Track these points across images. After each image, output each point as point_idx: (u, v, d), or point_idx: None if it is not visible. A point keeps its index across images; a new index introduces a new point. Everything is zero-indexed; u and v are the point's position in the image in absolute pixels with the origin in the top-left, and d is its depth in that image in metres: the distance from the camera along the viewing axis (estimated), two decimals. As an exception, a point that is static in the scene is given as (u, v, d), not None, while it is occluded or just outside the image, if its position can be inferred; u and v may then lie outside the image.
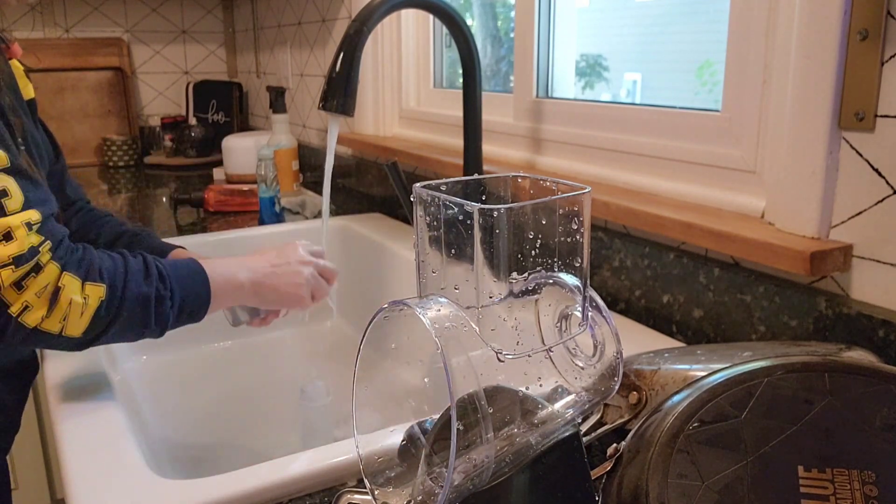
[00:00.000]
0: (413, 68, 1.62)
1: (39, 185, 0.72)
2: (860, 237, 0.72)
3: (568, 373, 0.47)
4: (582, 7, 1.24)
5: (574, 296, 0.47)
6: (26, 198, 0.68)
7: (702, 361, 0.63)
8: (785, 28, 0.77)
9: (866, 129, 0.70)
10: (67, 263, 0.69)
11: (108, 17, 2.47)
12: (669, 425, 0.43)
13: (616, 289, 0.99)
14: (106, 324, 0.71)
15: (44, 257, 0.68)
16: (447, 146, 1.44)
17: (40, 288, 0.67)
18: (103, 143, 2.40)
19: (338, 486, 0.64)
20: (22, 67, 0.89)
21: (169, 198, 1.86)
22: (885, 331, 0.68)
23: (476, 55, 1.10)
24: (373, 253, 1.40)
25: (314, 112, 2.03)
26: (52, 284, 0.68)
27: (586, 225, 0.46)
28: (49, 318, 0.68)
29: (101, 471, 0.63)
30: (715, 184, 0.90)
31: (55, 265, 0.68)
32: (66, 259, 0.70)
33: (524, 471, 0.44)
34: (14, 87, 0.85)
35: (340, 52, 0.96)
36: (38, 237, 0.68)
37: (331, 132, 0.98)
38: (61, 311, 0.68)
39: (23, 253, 0.66)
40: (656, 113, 0.99)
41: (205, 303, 0.79)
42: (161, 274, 0.75)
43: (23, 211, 0.67)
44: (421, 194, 0.45)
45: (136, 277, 0.73)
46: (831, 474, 0.39)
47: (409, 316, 0.43)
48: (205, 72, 2.64)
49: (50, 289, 0.68)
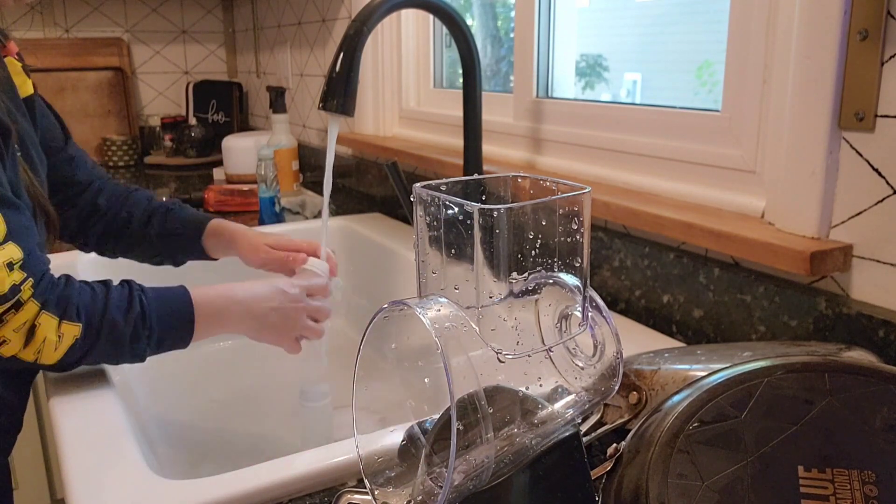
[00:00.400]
0: (413, 68, 1.62)
1: (22, 210, 0.72)
2: (860, 237, 0.72)
3: (568, 373, 0.47)
4: (582, 7, 1.24)
5: (574, 296, 0.47)
6: (8, 230, 0.69)
7: (702, 361, 0.63)
8: (785, 28, 0.77)
9: (866, 129, 0.70)
10: (47, 301, 0.70)
11: (108, 17, 2.47)
12: (669, 425, 0.43)
13: (616, 289, 0.99)
14: (79, 356, 0.73)
15: (25, 294, 0.69)
16: (447, 146, 1.43)
17: (19, 325, 0.69)
18: (103, 143, 2.40)
19: (338, 486, 0.64)
20: (19, 64, 0.88)
21: (169, 198, 1.86)
22: (885, 331, 0.68)
23: (476, 55, 1.10)
24: (373, 253, 1.40)
25: (314, 112, 2.03)
26: (30, 322, 0.69)
27: (586, 225, 0.46)
28: (24, 351, 0.70)
29: (101, 471, 0.63)
30: (715, 184, 0.90)
31: (35, 303, 0.70)
32: (46, 296, 0.71)
33: (524, 471, 0.44)
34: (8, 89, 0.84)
35: (340, 52, 0.96)
36: (20, 274, 0.69)
37: (331, 132, 0.98)
38: (36, 345, 0.70)
39: (4, 293, 0.67)
40: (656, 113, 0.99)
41: (186, 337, 0.80)
42: (143, 310, 0.76)
43: (4, 244, 0.68)
44: (421, 194, 0.45)
45: (115, 314, 0.74)
46: (831, 474, 0.39)
47: (409, 316, 0.43)
48: (205, 72, 2.64)
49: (27, 325, 0.69)
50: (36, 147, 0.86)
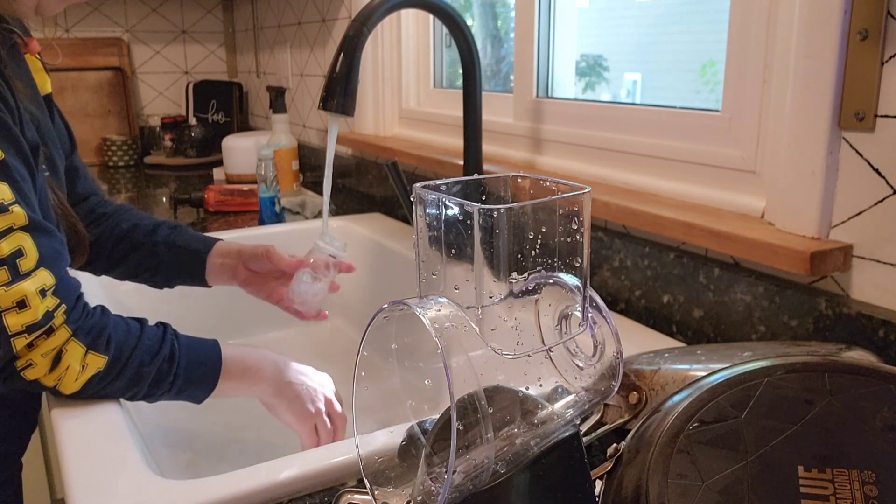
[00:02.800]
0: (413, 68, 1.62)
1: (54, 235, 0.72)
2: (860, 237, 0.72)
3: (568, 373, 0.47)
4: (582, 7, 1.24)
5: (574, 296, 0.47)
6: (41, 256, 0.69)
7: (702, 361, 0.63)
8: (785, 28, 0.77)
9: (866, 129, 0.70)
10: (79, 329, 0.71)
11: (108, 17, 2.47)
12: (669, 425, 0.43)
13: (616, 289, 0.99)
14: (97, 389, 0.73)
15: (57, 321, 0.69)
16: (447, 146, 1.43)
17: (48, 350, 0.69)
18: (103, 143, 2.40)
19: (338, 486, 0.64)
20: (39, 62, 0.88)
21: (169, 198, 1.86)
22: (885, 331, 0.68)
23: (476, 55, 1.10)
24: (373, 253, 1.40)
25: (314, 112, 2.03)
26: (58, 348, 0.69)
27: (586, 225, 0.46)
28: (48, 376, 0.70)
29: (101, 471, 0.63)
30: (715, 184, 0.90)
31: (66, 330, 0.70)
32: (79, 324, 0.71)
33: (524, 471, 0.44)
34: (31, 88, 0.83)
35: (340, 52, 0.96)
36: (53, 300, 0.69)
37: (331, 132, 0.98)
38: (59, 372, 0.70)
39: (37, 321, 0.68)
40: (656, 113, 0.99)
41: (207, 390, 0.79)
42: (173, 357, 0.75)
43: (36, 271, 0.68)
44: (421, 194, 0.45)
45: (143, 355, 0.74)
46: (831, 474, 0.39)
47: (409, 316, 0.43)
48: (205, 72, 2.64)
49: (55, 351, 0.69)
50: (56, 147, 0.86)
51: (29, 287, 0.67)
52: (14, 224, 0.67)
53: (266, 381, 0.81)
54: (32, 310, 0.67)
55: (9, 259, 0.66)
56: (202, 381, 0.78)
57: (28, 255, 0.68)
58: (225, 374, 0.79)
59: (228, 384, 0.79)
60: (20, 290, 0.66)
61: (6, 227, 0.66)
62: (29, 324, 0.67)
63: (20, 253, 0.67)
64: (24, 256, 0.67)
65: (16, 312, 0.66)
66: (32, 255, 0.68)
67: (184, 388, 0.77)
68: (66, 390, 0.71)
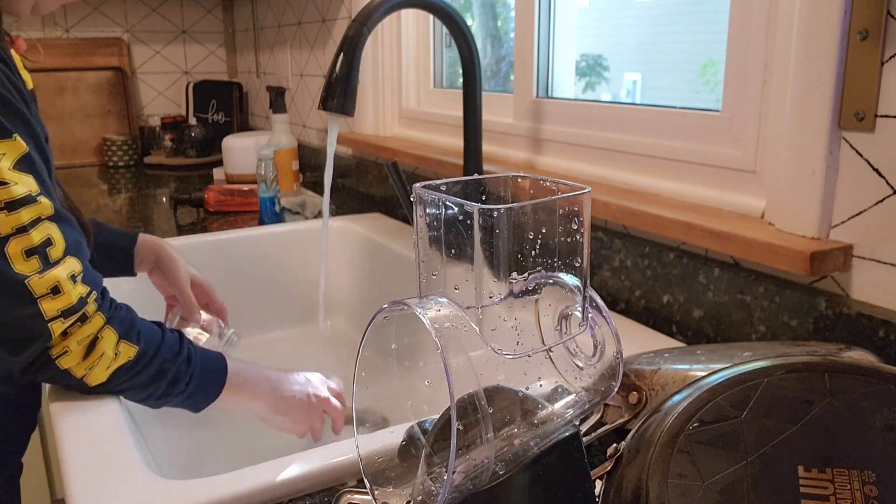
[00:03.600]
0: (413, 68, 1.62)
1: (73, 225, 0.73)
2: (860, 237, 0.72)
3: (568, 373, 0.47)
4: (582, 7, 1.24)
5: (574, 296, 0.47)
6: (67, 243, 0.70)
7: (702, 361, 0.63)
8: (785, 28, 0.77)
9: (866, 129, 0.70)
10: (113, 318, 0.72)
11: (108, 17, 2.47)
12: (669, 425, 0.43)
13: (616, 289, 0.99)
14: (123, 381, 0.73)
15: (90, 307, 0.70)
16: (447, 146, 1.43)
17: (83, 336, 0.70)
18: (103, 143, 2.40)
19: (338, 486, 0.64)
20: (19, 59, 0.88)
21: (169, 198, 1.86)
22: (885, 331, 0.68)
23: (476, 55, 1.10)
24: (373, 253, 1.40)
25: (314, 112, 2.03)
26: (93, 335, 0.70)
27: (586, 225, 0.46)
28: (80, 364, 0.70)
29: (101, 471, 0.63)
30: (715, 184, 0.90)
31: (101, 317, 0.71)
32: (112, 312, 0.72)
33: (524, 471, 0.44)
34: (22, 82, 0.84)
35: (340, 53, 0.96)
36: (84, 287, 0.71)
37: (331, 132, 0.98)
38: (92, 360, 0.71)
39: (72, 304, 0.69)
40: (656, 113, 0.99)
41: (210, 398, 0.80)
42: (190, 359, 0.77)
43: (65, 258, 0.70)
44: (421, 194, 0.45)
45: (167, 353, 0.75)
46: (831, 474, 0.39)
47: (409, 316, 0.43)
48: (205, 72, 2.64)
49: (90, 338, 0.70)
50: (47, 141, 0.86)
51: (61, 273, 0.68)
52: (42, 214, 0.69)
53: (261, 399, 0.84)
54: (66, 294, 0.68)
55: (40, 248, 0.68)
56: (210, 389, 0.79)
57: (56, 243, 0.69)
58: (228, 385, 0.80)
59: (228, 396, 0.81)
60: (53, 277, 0.68)
61: (35, 217, 0.68)
62: (64, 308, 0.68)
63: (49, 242, 0.69)
64: (53, 245, 0.69)
65: (51, 298, 0.68)
66: (60, 243, 0.70)
67: (193, 393, 0.78)
68: (94, 381, 0.72)
